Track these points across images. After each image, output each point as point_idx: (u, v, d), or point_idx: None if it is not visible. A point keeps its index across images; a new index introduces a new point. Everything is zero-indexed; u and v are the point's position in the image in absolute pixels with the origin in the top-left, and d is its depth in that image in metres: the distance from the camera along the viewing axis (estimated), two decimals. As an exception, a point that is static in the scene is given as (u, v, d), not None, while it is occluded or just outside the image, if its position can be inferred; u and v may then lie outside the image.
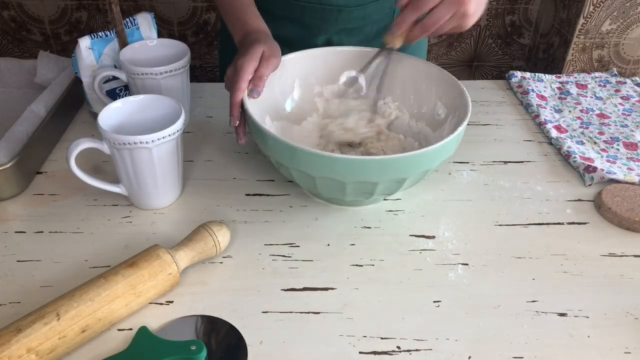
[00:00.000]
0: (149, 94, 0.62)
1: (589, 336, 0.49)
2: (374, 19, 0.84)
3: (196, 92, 0.84)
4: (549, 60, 1.66)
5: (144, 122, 0.61)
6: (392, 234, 0.60)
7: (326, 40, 0.85)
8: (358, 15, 0.82)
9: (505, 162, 0.71)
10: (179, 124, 0.57)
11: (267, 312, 0.51)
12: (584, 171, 0.68)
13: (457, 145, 0.58)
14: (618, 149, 0.74)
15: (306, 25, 0.83)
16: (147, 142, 0.55)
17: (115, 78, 0.73)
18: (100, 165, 0.69)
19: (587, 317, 0.51)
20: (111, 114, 0.59)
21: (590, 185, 0.68)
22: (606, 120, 0.80)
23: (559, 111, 0.82)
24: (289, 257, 0.57)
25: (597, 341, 0.49)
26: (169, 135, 0.56)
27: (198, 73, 1.77)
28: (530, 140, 0.76)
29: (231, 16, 0.69)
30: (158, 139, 0.56)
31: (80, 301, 0.46)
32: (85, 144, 0.57)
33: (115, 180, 0.61)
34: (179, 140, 0.59)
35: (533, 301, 0.53)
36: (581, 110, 0.82)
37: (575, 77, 0.91)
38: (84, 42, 0.70)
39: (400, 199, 0.65)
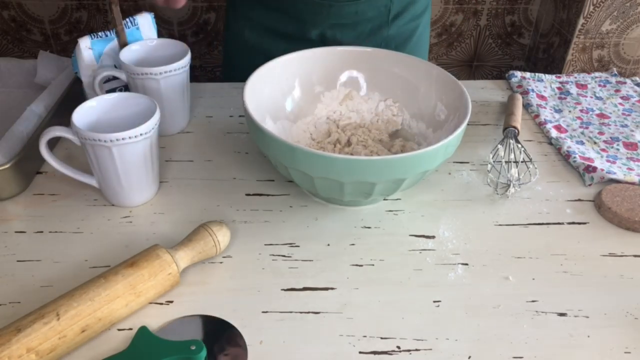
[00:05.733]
0: (125, 92, 0.63)
1: (589, 336, 0.49)
2: (368, 17, 0.84)
3: (196, 92, 0.84)
4: (549, 60, 1.66)
5: (126, 119, 0.61)
6: (392, 234, 0.60)
7: (320, 35, 0.85)
8: (350, 11, 0.83)
9: (506, 162, 0.71)
10: (143, 128, 0.56)
11: (267, 312, 0.51)
12: (584, 171, 0.68)
13: (457, 145, 0.58)
14: (618, 149, 0.74)
15: (299, 18, 0.84)
16: (105, 141, 0.55)
17: (115, 78, 0.73)
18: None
19: (587, 317, 0.51)
20: (89, 111, 0.60)
21: (590, 185, 0.68)
22: (606, 120, 0.80)
23: (559, 111, 0.82)
24: (289, 257, 0.57)
25: (597, 341, 0.49)
26: (130, 138, 0.55)
27: (198, 73, 1.77)
28: (530, 140, 0.76)
29: None
30: (117, 140, 0.55)
31: (80, 301, 0.46)
32: (57, 132, 0.58)
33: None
34: (146, 143, 0.58)
35: (533, 301, 0.53)
36: (581, 110, 0.82)
37: (575, 77, 0.91)
38: (84, 42, 0.70)
39: (400, 199, 0.65)
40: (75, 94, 0.77)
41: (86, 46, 0.70)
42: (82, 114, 0.59)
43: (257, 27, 0.87)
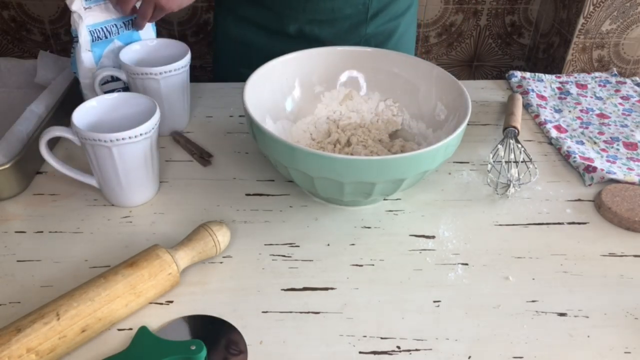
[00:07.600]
0: (125, 92, 0.63)
1: (589, 336, 0.49)
2: (345, 14, 0.84)
3: (196, 92, 0.84)
4: (549, 60, 1.66)
5: (126, 119, 0.61)
6: (392, 234, 0.60)
7: (298, 30, 0.86)
8: (326, 7, 0.83)
9: (506, 162, 0.71)
10: (143, 128, 0.56)
11: (267, 312, 0.51)
12: (584, 171, 0.68)
13: (457, 145, 0.58)
14: (618, 149, 0.74)
15: (277, 12, 0.84)
16: (105, 141, 0.55)
17: (113, 80, 0.73)
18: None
19: (587, 317, 0.51)
20: (89, 111, 0.60)
21: (590, 185, 0.68)
22: (606, 120, 0.80)
23: (559, 111, 0.82)
24: (289, 257, 0.57)
25: (597, 341, 0.49)
26: (130, 138, 0.56)
27: (198, 73, 1.77)
28: (530, 140, 0.76)
29: None
30: (117, 140, 0.55)
31: (80, 301, 0.46)
32: (57, 132, 0.58)
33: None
34: (146, 143, 0.58)
35: (533, 301, 0.53)
36: (581, 110, 0.82)
37: (575, 77, 0.91)
38: (85, 44, 0.69)
39: (400, 199, 0.65)
40: (75, 94, 0.77)
41: (86, 49, 0.70)
42: (82, 114, 0.59)
43: (241, 19, 0.88)
